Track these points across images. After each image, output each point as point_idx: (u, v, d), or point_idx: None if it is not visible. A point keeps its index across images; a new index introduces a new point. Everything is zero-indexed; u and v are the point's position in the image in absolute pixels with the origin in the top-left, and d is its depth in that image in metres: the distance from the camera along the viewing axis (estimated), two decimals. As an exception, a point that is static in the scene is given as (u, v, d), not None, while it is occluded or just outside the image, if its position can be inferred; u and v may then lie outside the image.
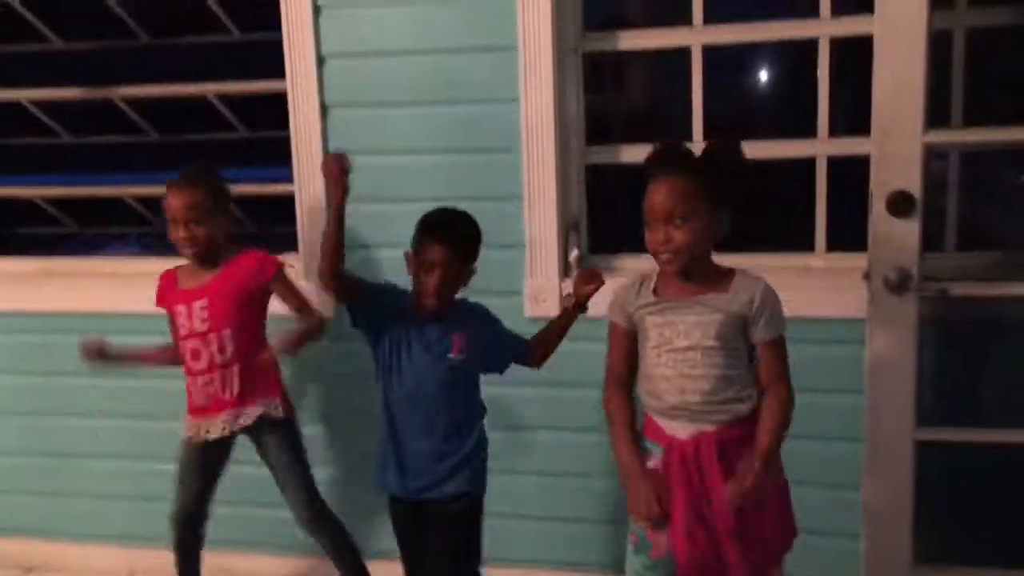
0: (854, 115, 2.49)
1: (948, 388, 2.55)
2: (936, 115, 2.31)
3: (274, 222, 3.20)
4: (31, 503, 3.20)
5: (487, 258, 2.25)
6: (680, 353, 1.95)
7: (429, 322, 2.20)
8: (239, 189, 2.72)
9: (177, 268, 2.59)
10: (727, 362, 1.94)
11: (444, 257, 2.13)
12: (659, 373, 1.98)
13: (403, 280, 2.24)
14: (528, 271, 2.67)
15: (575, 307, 2.31)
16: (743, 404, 1.96)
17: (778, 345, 1.97)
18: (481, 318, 2.28)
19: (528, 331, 2.59)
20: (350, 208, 2.10)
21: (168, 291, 2.57)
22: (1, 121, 4.08)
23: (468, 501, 2.26)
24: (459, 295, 2.23)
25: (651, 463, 2.01)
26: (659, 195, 1.90)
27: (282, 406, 2.54)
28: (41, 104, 3.67)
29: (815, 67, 2.59)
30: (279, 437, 2.54)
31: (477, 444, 2.27)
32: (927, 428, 2.39)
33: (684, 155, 1.96)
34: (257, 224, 4.00)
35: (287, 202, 2.84)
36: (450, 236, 2.15)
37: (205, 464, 2.56)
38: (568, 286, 2.64)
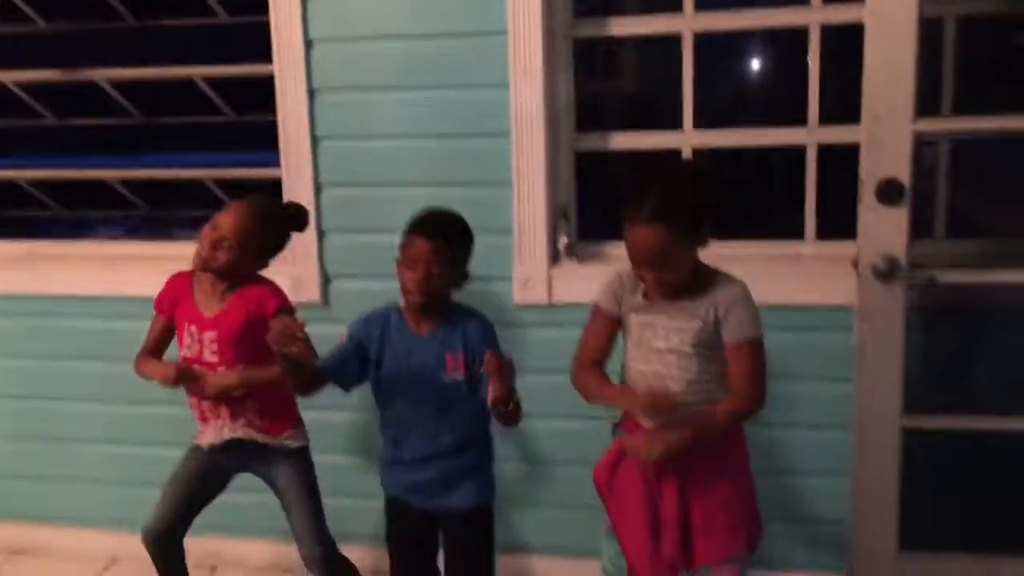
0: (844, 103, 2.49)
1: (936, 375, 2.57)
2: (926, 103, 2.31)
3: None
4: (17, 486, 3.18)
5: (476, 244, 2.22)
6: (657, 354, 1.97)
7: (424, 337, 2.14)
8: (225, 173, 2.68)
9: (192, 275, 2.38)
10: (700, 368, 1.95)
11: (427, 251, 2.08)
12: (635, 368, 2.01)
13: (388, 268, 2.18)
14: (517, 257, 2.66)
15: (493, 405, 1.98)
16: None
17: (747, 349, 1.93)
18: (486, 338, 2.14)
19: (518, 317, 2.59)
20: (340, 192, 2.04)
21: (179, 301, 2.38)
22: (-15, 103, 4.05)
23: (482, 513, 2.24)
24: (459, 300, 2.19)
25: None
26: (643, 244, 1.88)
27: (297, 434, 2.42)
28: (25, 86, 3.63)
29: (806, 54, 2.59)
30: (290, 467, 2.41)
31: (484, 452, 2.23)
32: (914, 415, 2.40)
33: (661, 194, 1.88)
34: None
35: (275, 184, 2.81)
36: (433, 231, 2.11)
37: (199, 472, 2.42)
38: (557, 273, 2.63)
